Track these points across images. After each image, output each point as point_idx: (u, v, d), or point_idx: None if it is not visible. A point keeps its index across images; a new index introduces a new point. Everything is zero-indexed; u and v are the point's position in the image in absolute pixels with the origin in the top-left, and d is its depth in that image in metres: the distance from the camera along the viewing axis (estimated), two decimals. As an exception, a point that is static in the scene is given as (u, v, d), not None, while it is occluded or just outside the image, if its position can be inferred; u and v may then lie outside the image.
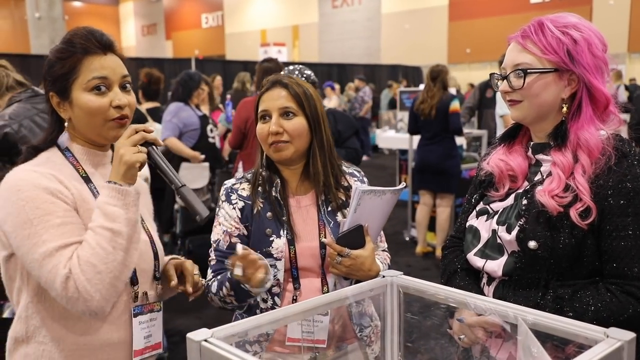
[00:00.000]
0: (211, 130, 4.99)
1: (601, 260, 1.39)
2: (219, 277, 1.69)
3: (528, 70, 1.43)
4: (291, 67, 3.86)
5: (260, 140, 1.74)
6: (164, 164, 1.41)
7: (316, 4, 25.11)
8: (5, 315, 3.10)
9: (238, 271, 1.48)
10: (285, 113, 1.70)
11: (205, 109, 5.46)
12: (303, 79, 3.28)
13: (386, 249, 1.91)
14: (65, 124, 1.50)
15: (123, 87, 1.47)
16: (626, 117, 6.99)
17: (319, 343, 1.62)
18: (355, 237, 1.64)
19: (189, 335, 0.92)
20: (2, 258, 1.44)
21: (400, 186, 1.68)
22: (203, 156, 4.82)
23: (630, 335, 0.89)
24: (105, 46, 1.46)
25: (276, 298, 1.70)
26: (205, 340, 0.91)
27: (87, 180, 1.47)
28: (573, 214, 1.37)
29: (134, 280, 1.48)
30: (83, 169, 1.49)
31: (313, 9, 25.27)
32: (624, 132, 6.53)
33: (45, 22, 16.04)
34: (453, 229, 1.77)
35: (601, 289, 1.37)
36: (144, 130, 1.39)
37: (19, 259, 1.38)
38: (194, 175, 4.72)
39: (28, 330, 1.43)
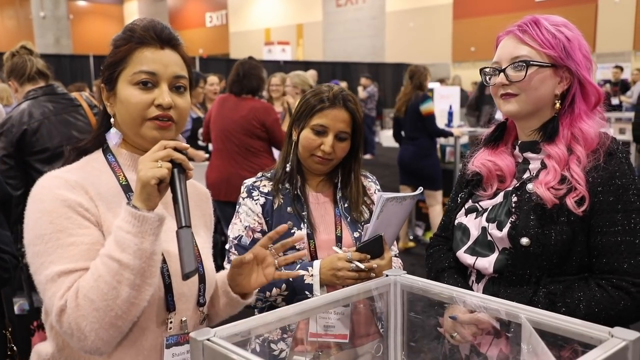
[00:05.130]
0: (200, 134, 4.99)
1: (590, 256, 1.42)
2: None
3: (531, 62, 1.44)
4: (292, 74, 3.88)
5: (304, 148, 1.79)
6: (180, 194, 1.16)
7: (320, 2, 25.07)
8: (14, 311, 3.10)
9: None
10: (341, 136, 1.77)
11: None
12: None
13: (397, 254, 1.93)
14: (112, 120, 1.35)
15: (176, 88, 1.31)
16: (631, 115, 6.98)
17: (340, 338, 1.65)
18: (374, 247, 1.67)
19: (192, 334, 0.92)
20: None
21: (418, 191, 1.73)
22: (206, 155, 4.82)
23: (635, 334, 0.88)
24: (164, 40, 1.31)
25: None
26: (208, 340, 0.90)
27: (126, 188, 1.31)
28: (570, 202, 1.39)
29: (169, 306, 1.28)
30: (124, 176, 1.33)
31: (317, 8, 25.23)
32: (628, 132, 6.52)
33: (50, 21, 16.12)
34: (438, 227, 1.78)
35: (592, 284, 1.40)
36: (174, 148, 1.18)
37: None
38: (195, 175, 4.72)
39: (50, 350, 1.31)
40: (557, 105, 1.48)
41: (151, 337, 1.27)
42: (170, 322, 1.29)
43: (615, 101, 11.30)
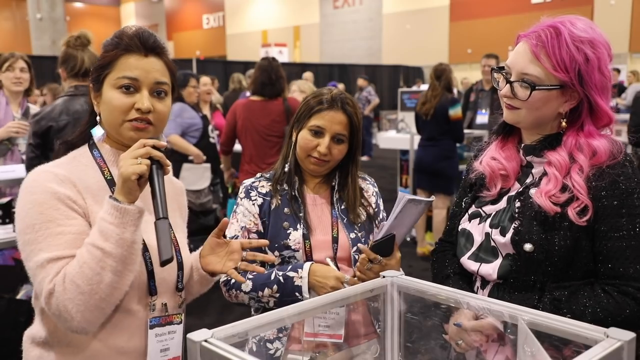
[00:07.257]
0: (211, 131, 5.01)
1: (595, 261, 1.39)
2: (250, 276, 1.75)
3: (536, 87, 1.39)
4: (300, 82, 3.92)
5: (301, 148, 1.81)
6: (158, 188, 1.26)
7: (317, 4, 25.11)
8: (20, 296, 3.09)
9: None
10: (338, 138, 1.79)
11: (206, 110, 5.50)
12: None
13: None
14: (98, 117, 1.44)
15: (157, 93, 1.41)
16: (626, 116, 7.01)
17: (336, 338, 1.65)
18: (386, 245, 1.70)
19: (189, 335, 0.92)
20: None
21: (432, 198, 1.81)
22: (205, 157, 4.81)
23: (630, 335, 0.89)
24: (149, 48, 1.40)
25: None
26: (206, 341, 0.91)
27: (111, 183, 1.41)
28: (571, 212, 1.36)
29: (152, 291, 1.41)
30: (109, 170, 1.43)
31: (314, 10, 25.27)
32: (624, 134, 6.54)
33: (46, 23, 16.03)
34: (443, 232, 1.78)
35: (597, 290, 1.37)
36: (153, 146, 1.28)
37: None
38: (195, 176, 4.71)
39: (43, 333, 1.39)
40: (564, 124, 1.44)
41: (136, 319, 1.39)
42: (153, 305, 1.41)
43: (612, 103, 11.33)
